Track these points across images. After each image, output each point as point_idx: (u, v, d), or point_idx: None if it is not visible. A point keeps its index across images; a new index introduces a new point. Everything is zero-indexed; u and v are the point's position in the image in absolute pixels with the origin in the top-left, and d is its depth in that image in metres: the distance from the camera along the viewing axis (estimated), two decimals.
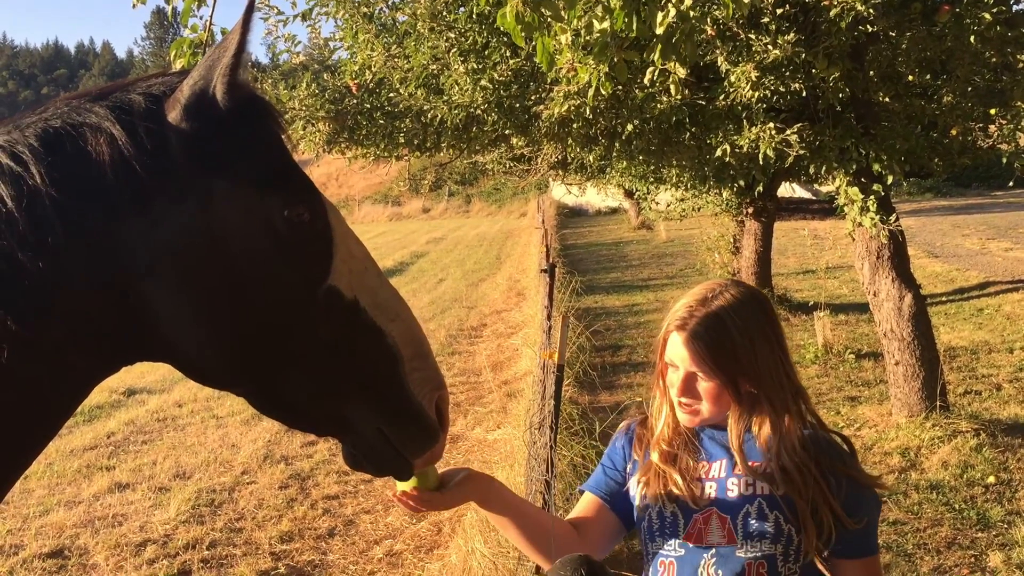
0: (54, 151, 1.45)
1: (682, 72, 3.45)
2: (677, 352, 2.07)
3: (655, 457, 2.14)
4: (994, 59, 6.61)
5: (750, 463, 2.05)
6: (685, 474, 2.09)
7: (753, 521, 2.00)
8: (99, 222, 1.46)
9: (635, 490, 2.18)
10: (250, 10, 1.51)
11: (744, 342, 2.03)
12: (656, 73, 3.46)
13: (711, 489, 2.07)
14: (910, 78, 7.07)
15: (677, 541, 2.07)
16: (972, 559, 5.22)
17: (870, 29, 5.88)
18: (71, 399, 1.53)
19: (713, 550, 2.02)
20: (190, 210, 1.50)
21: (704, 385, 2.05)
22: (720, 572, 2.01)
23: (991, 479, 6.25)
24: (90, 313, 1.46)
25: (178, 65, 3.41)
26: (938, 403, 7.19)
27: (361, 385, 1.64)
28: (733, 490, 2.05)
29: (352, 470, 1.83)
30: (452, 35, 6.70)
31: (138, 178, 1.47)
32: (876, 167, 6.66)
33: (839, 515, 1.98)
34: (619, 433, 2.32)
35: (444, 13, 6.71)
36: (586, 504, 2.28)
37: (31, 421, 1.47)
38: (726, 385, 2.04)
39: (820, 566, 2.03)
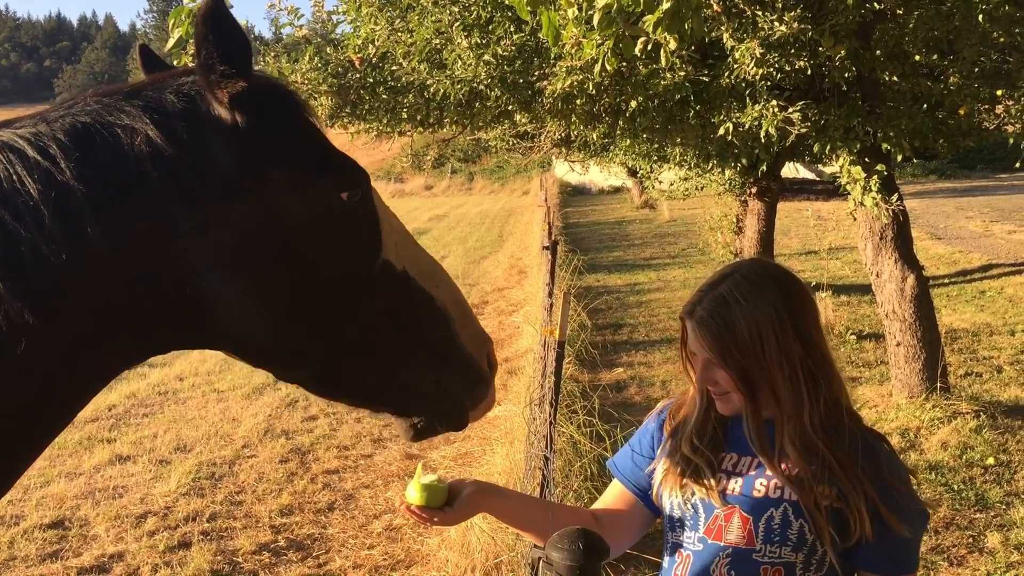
0: (83, 147, 1.45)
1: (673, 44, 3.41)
2: (691, 339, 1.98)
3: (685, 448, 2.03)
4: (1002, 39, 6.56)
5: (781, 465, 1.92)
6: (712, 467, 1.98)
7: (776, 526, 1.89)
8: (138, 220, 1.46)
9: (659, 477, 2.08)
10: None
11: (749, 329, 1.89)
12: (650, 44, 3.43)
13: (736, 485, 1.96)
14: (917, 58, 7.00)
15: (697, 535, 1.98)
16: (970, 539, 5.24)
17: (877, 7, 5.83)
18: (86, 392, 1.55)
19: (729, 549, 1.93)
20: (247, 202, 1.53)
21: (720, 374, 1.93)
22: (733, 572, 1.92)
23: (990, 460, 6.26)
24: (126, 308, 1.47)
25: (176, 34, 3.39)
26: (939, 384, 7.20)
27: (419, 349, 1.74)
28: (760, 490, 1.93)
29: (414, 442, 2.00)
30: (456, 9, 6.65)
31: (181, 176, 1.49)
32: (885, 145, 6.63)
33: (885, 518, 1.85)
34: (652, 415, 2.21)
35: None
36: (615, 495, 2.19)
37: (43, 413, 1.47)
38: (735, 374, 1.91)
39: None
